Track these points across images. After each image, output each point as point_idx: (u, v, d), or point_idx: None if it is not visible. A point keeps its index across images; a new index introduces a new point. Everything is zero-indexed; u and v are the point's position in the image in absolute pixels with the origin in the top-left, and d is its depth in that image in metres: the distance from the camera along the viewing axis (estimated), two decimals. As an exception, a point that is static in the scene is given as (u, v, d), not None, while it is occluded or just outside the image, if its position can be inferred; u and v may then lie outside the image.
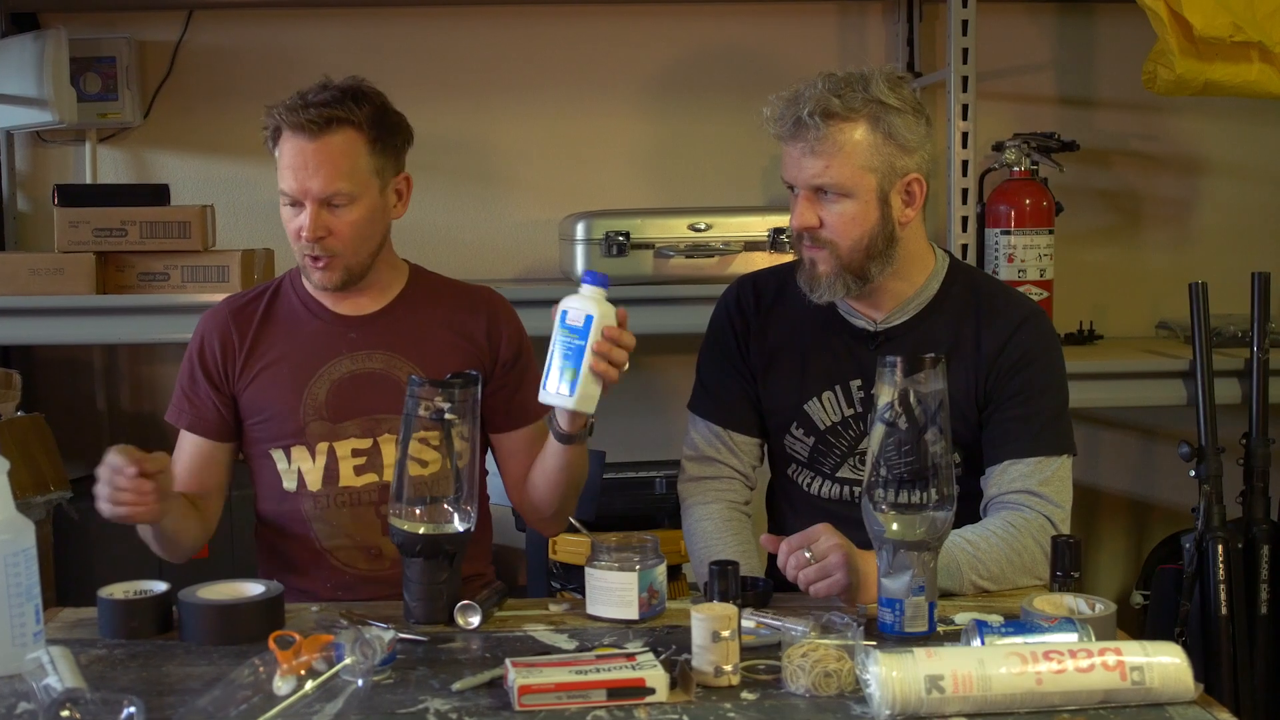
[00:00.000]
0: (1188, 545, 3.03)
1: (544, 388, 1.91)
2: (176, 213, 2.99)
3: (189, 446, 2.20)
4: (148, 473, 1.86)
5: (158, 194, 3.07)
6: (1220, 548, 2.98)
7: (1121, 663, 1.51)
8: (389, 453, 2.14)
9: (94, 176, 3.34)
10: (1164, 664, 1.52)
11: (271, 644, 1.58)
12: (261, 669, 1.55)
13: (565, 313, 1.89)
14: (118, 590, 1.86)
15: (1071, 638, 1.59)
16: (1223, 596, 2.98)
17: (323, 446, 2.16)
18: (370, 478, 2.16)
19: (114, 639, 1.81)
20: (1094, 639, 1.59)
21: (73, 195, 3.02)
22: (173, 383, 2.23)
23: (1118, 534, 3.60)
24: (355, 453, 2.16)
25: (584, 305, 1.88)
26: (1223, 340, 3.16)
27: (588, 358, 1.87)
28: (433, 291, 2.26)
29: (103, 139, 3.36)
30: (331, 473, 2.16)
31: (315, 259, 2.11)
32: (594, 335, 1.86)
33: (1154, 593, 3.23)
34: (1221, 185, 3.55)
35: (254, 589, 1.84)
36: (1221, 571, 2.97)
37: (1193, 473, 3.05)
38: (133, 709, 1.44)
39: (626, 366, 1.90)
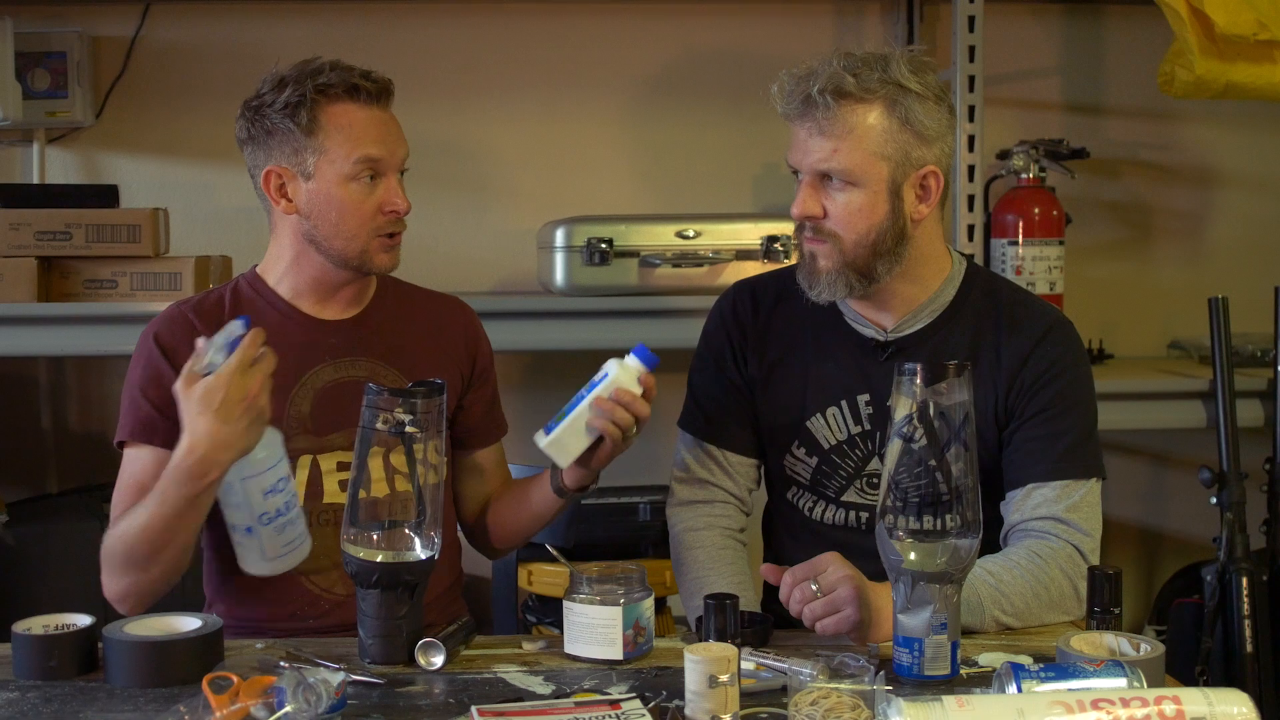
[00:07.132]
0: (1209, 578, 2.89)
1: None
2: (125, 215, 2.81)
3: (155, 464, 1.91)
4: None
5: (105, 195, 2.89)
6: (1244, 580, 2.84)
7: (1181, 712, 1.32)
8: (376, 466, 1.93)
9: (42, 179, 3.15)
10: (1230, 714, 1.33)
11: (205, 687, 1.41)
12: (187, 717, 1.36)
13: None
14: (36, 624, 1.66)
15: (1120, 683, 1.40)
16: (1248, 633, 2.83)
17: (305, 460, 1.98)
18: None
19: (29, 680, 1.62)
20: (1145, 684, 1.40)
21: (13, 195, 2.85)
22: None
23: (1128, 565, 3.42)
24: (341, 466, 1.98)
25: (611, 366, 1.87)
26: (1241, 360, 3.01)
27: (583, 406, 1.85)
28: (405, 298, 2.13)
29: (52, 140, 3.17)
30: (315, 488, 1.98)
31: (393, 236, 2.00)
32: (602, 389, 1.85)
33: (1170, 628, 3.07)
34: (1236, 197, 3.40)
35: (189, 624, 1.66)
36: (1246, 606, 2.83)
37: (1214, 500, 2.91)
38: (33, 766, 1.24)
39: (633, 432, 1.86)
